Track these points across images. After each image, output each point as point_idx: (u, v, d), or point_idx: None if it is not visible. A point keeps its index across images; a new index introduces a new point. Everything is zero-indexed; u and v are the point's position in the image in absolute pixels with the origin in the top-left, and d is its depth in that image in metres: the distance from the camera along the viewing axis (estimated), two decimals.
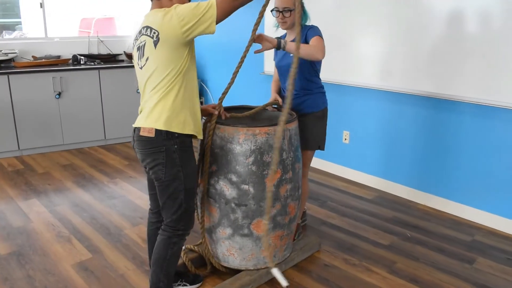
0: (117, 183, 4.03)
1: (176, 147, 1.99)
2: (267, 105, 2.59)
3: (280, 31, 2.70)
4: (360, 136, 4.03)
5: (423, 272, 2.61)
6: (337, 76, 3.90)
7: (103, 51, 5.58)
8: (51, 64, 4.96)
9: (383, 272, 2.61)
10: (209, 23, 1.84)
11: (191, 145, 2.08)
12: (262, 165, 2.23)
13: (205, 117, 2.35)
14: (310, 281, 2.51)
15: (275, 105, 2.71)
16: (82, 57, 5.25)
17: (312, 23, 2.70)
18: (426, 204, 3.58)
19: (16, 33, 6.82)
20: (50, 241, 2.96)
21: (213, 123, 2.26)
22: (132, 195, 3.76)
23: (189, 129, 2.02)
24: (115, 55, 5.53)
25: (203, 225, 2.43)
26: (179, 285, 2.37)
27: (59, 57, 5.22)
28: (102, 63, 5.26)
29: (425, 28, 3.29)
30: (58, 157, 4.77)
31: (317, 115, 2.69)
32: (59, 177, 4.18)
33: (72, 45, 5.39)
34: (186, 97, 2.00)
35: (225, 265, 2.47)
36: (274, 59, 2.78)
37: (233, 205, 2.28)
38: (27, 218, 3.30)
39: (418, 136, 3.58)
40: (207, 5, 1.82)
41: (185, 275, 2.43)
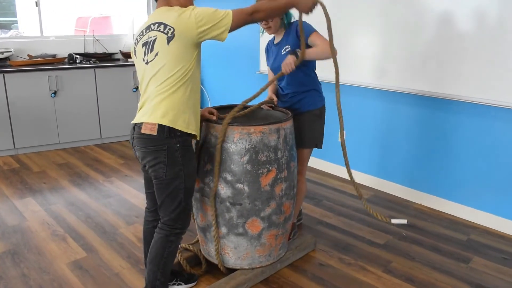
0: (112, 182, 4.02)
1: (178, 145, 1.99)
2: (262, 103, 2.59)
3: (267, 35, 2.73)
4: (356, 135, 4.03)
5: (418, 272, 2.61)
6: (333, 75, 3.88)
7: (99, 50, 5.56)
8: (46, 63, 4.94)
9: (379, 271, 2.61)
10: (222, 30, 1.95)
11: (191, 145, 2.09)
12: (257, 164, 2.23)
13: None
14: (305, 280, 2.51)
15: (271, 104, 2.71)
16: (78, 56, 5.24)
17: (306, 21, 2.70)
18: (421, 203, 3.59)
19: (12, 32, 6.80)
20: (45, 239, 2.95)
21: (225, 124, 2.22)
22: (128, 194, 3.75)
23: (191, 129, 2.04)
24: (111, 54, 5.52)
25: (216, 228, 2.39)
26: (174, 284, 2.36)
27: (54, 56, 5.21)
28: (98, 62, 5.24)
29: (421, 27, 3.29)
30: (54, 156, 4.76)
31: (314, 113, 2.68)
32: (54, 175, 4.17)
33: (68, 44, 5.37)
34: (191, 97, 2.02)
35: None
36: (268, 63, 2.79)
37: (228, 204, 2.28)
38: (22, 217, 3.29)
39: (414, 135, 3.58)
40: (224, 13, 1.95)
41: (180, 274, 2.42)
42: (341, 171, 4.20)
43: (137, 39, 2.10)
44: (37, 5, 5.10)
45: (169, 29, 1.93)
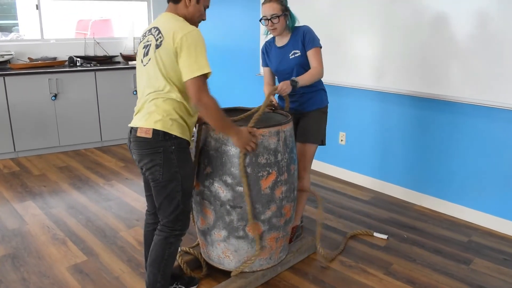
0: (113, 185, 4.02)
1: (173, 147, 1.99)
2: (262, 108, 2.57)
3: (270, 36, 2.77)
4: (356, 137, 4.02)
5: (419, 273, 2.61)
6: (332, 77, 3.89)
7: (99, 52, 5.57)
8: (47, 65, 4.94)
9: (380, 273, 2.61)
10: (184, 72, 1.91)
11: (188, 147, 2.09)
12: (257, 166, 2.22)
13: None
14: (306, 283, 2.50)
15: (271, 107, 2.71)
16: (78, 58, 5.24)
17: (306, 24, 2.70)
18: (422, 204, 3.58)
19: (12, 35, 6.81)
20: (45, 243, 2.95)
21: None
22: (128, 197, 3.74)
23: (186, 135, 2.05)
24: (111, 57, 5.52)
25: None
26: (175, 287, 2.36)
27: (55, 58, 5.21)
28: (98, 64, 5.24)
29: (420, 29, 3.28)
30: (54, 159, 4.76)
31: (322, 110, 2.78)
32: (55, 179, 4.16)
33: (68, 46, 5.37)
34: (185, 105, 2.02)
35: (221, 267, 2.46)
36: (268, 65, 2.80)
37: (228, 207, 2.27)
38: (22, 220, 3.28)
39: (414, 137, 3.57)
40: (199, 68, 1.91)
41: (181, 277, 2.42)
42: (341, 173, 4.20)
43: (140, 39, 2.12)
44: (37, 8, 5.10)
45: (160, 37, 1.95)
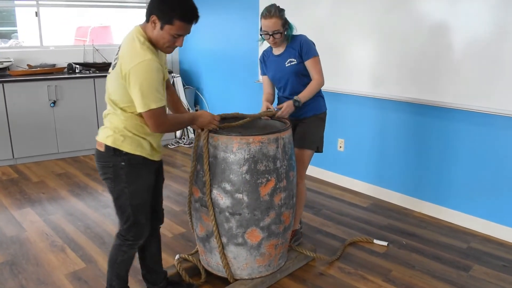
0: None
1: (123, 164, 1.97)
2: (261, 115, 2.58)
3: (266, 44, 2.78)
4: (355, 144, 4.03)
5: (419, 280, 2.60)
6: (331, 85, 3.89)
7: (99, 59, 5.58)
8: (46, 72, 4.95)
9: (379, 280, 2.60)
10: (136, 104, 1.87)
11: (142, 162, 2.02)
12: (256, 173, 2.22)
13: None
14: None
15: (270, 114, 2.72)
16: (78, 65, 5.25)
17: (305, 33, 2.72)
18: (421, 211, 3.58)
19: (11, 42, 6.83)
20: (43, 250, 2.94)
21: (206, 132, 2.24)
22: None
23: (141, 152, 2.00)
24: (110, 64, 5.52)
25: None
26: None
27: (54, 65, 5.21)
28: (97, 71, 5.24)
29: (417, 37, 3.30)
30: (52, 166, 4.75)
31: (319, 116, 2.80)
32: (53, 186, 4.16)
33: (67, 53, 5.38)
34: (140, 124, 1.97)
35: (220, 274, 2.46)
36: (266, 73, 2.82)
37: (227, 214, 2.27)
38: (20, 227, 3.28)
39: (412, 143, 3.58)
40: (147, 104, 1.83)
41: (179, 284, 2.41)
42: (340, 179, 4.20)
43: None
44: (37, 15, 5.12)
45: (117, 58, 1.95)
